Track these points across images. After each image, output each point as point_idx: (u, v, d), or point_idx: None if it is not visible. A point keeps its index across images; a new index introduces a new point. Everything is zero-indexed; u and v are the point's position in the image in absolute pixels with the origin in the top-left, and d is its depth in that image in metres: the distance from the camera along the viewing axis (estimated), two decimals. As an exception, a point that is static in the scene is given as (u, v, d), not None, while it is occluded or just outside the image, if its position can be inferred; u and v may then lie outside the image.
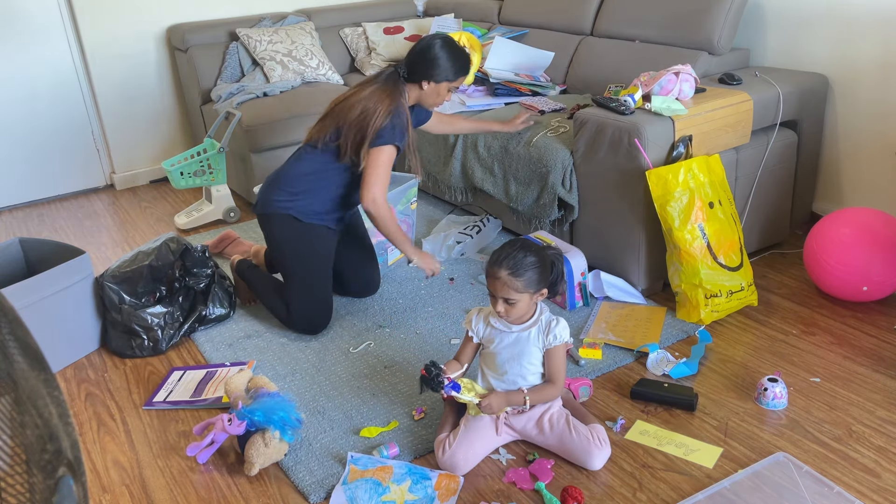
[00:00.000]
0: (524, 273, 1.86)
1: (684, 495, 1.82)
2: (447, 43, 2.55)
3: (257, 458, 1.95)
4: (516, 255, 1.87)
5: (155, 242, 2.72)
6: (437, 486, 1.88)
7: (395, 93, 2.53)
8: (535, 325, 1.95)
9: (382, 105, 2.48)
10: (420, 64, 2.54)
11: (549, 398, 1.98)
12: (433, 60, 2.52)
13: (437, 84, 2.56)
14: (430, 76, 2.54)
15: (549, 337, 1.93)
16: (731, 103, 2.67)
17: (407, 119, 2.54)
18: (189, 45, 4.06)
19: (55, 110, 4.12)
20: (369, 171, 2.48)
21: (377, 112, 2.46)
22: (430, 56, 2.52)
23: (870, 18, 2.82)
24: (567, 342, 1.97)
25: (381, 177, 2.48)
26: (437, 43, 2.53)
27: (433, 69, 2.53)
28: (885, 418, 2.05)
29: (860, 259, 2.48)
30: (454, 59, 2.54)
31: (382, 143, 2.47)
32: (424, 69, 2.54)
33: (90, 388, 2.45)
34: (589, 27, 3.66)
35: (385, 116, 2.46)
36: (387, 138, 2.47)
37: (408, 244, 2.61)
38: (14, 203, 4.18)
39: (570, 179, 2.79)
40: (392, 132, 2.47)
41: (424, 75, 2.54)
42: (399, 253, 3.08)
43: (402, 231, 2.58)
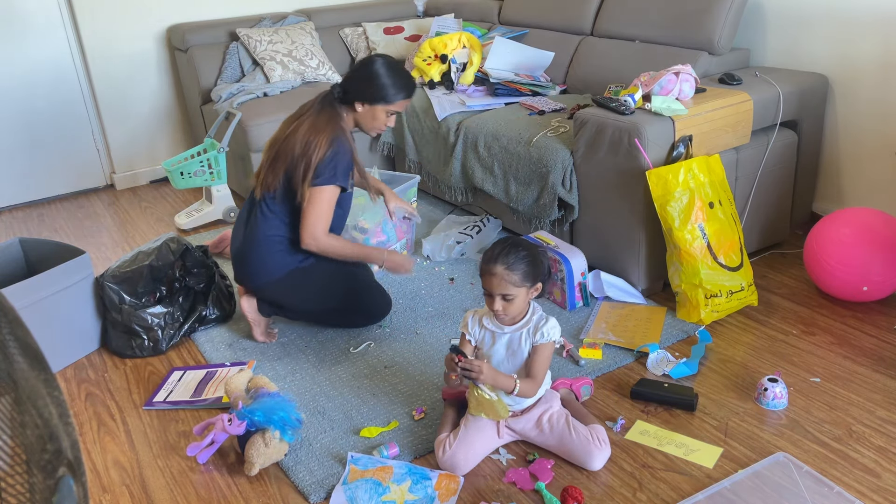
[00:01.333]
0: (520, 267, 1.87)
1: (684, 495, 1.82)
2: (388, 63, 2.39)
3: (257, 458, 1.95)
4: (509, 251, 1.88)
5: (155, 242, 2.72)
6: (437, 486, 1.88)
7: (333, 119, 2.38)
8: (527, 325, 1.95)
9: (322, 136, 2.32)
10: (355, 82, 2.40)
11: (527, 393, 1.94)
12: (368, 79, 2.37)
13: (372, 106, 2.39)
14: (364, 96, 2.38)
15: (536, 335, 1.93)
16: (731, 103, 2.67)
17: (350, 149, 2.39)
18: (189, 45, 4.06)
19: (55, 110, 4.12)
20: (308, 210, 2.34)
21: (318, 144, 2.31)
22: (365, 74, 2.38)
23: (870, 18, 2.82)
24: (555, 341, 1.95)
25: (322, 216, 2.36)
26: (376, 61, 2.38)
27: (367, 88, 2.37)
28: (885, 418, 2.05)
29: (860, 259, 2.48)
30: (392, 80, 2.37)
31: (322, 183, 2.33)
32: (358, 88, 2.38)
33: (90, 388, 2.45)
34: (589, 27, 3.66)
35: (326, 148, 2.31)
36: (327, 177, 2.33)
37: (373, 253, 2.52)
38: (14, 203, 4.18)
39: (570, 179, 2.79)
40: (333, 169, 2.33)
41: (358, 95, 2.38)
42: (400, 252, 3.07)
43: (358, 245, 2.53)
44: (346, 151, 2.37)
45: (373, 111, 2.40)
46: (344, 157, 2.35)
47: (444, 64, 3.75)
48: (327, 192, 2.35)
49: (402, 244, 3.09)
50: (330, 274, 2.50)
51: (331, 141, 2.32)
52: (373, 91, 2.37)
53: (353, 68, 2.44)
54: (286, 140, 2.38)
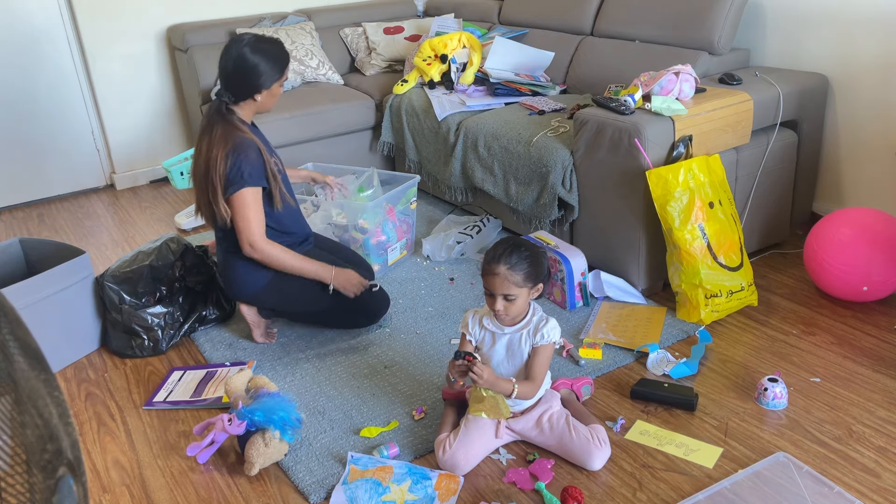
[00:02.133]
0: (522, 267, 1.86)
1: (684, 495, 1.82)
2: (254, 44, 2.32)
3: (257, 458, 1.95)
4: (512, 251, 1.88)
5: (155, 242, 2.72)
6: (437, 486, 1.88)
7: (227, 128, 2.32)
8: (527, 326, 1.95)
9: (219, 150, 2.27)
10: (240, 82, 2.34)
11: (527, 395, 1.95)
12: (252, 71, 2.32)
13: (269, 89, 2.38)
14: (258, 88, 2.35)
15: (536, 336, 1.93)
16: (731, 103, 2.67)
17: (257, 148, 2.33)
18: (189, 45, 4.06)
19: (55, 110, 4.12)
20: (236, 220, 2.32)
21: (217, 159, 2.27)
22: (247, 68, 2.31)
23: (870, 18, 2.82)
24: (555, 342, 1.95)
25: (252, 220, 2.32)
26: (245, 51, 2.31)
27: (258, 79, 2.33)
28: (885, 418, 2.05)
29: (860, 259, 2.48)
30: (272, 57, 2.34)
31: (236, 191, 2.28)
32: (248, 84, 2.34)
33: (90, 388, 2.45)
34: (589, 27, 3.66)
35: (225, 160, 2.26)
36: (238, 184, 2.28)
37: (317, 268, 2.43)
38: (14, 203, 4.18)
39: (570, 179, 2.79)
40: (239, 173, 2.27)
41: (251, 90, 2.35)
42: (400, 252, 3.07)
43: (301, 257, 2.42)
44: (249, 152, 2.30)
45: (270, 92, 2.38)
46: (248, 159, 2.29)
47: (444, 64, 3.75)
48: (246, 196, 2.30)
49: (403, 244, 3.09)
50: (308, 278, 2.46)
51: (227, 152, 2.27)
52: (263, 79, 2.33)
53: (229, 69, 2.32)
54: (195, 169, 2.37)
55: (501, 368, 1.97)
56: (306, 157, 3.74)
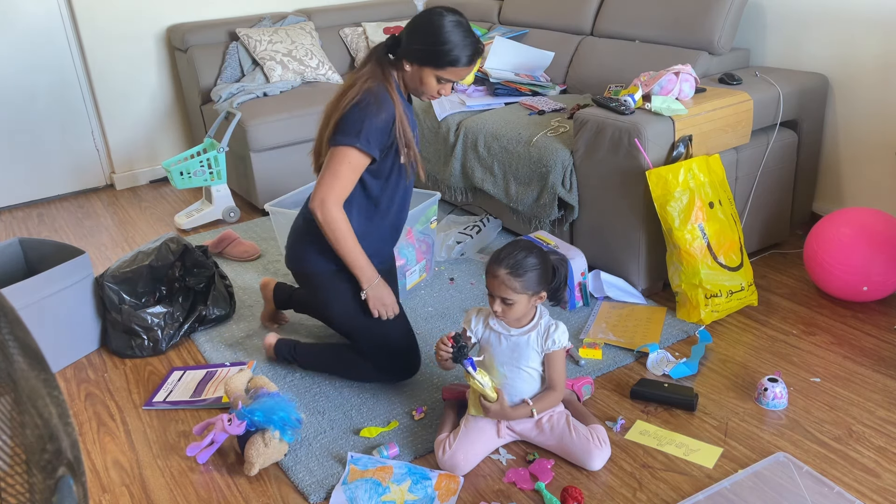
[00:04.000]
0: (524, 274, 1.85)
1: (684, 495, 1.82)
2: (455, 20, 1.97)
3: (257, 458, 1.95)
4: (517, 255, 1.86)
5: (155, 242, 2.72)
6: (437, 486, 1.88)
7: (374, 71, 2.02)
8: (535, 329, 1.94)
9: (357, 85, 2.00)
10: (407, 34, 2.01)
11: (553, 404, 1.98)
12: (422, 33, 1.98)
13: (420, 67, 2.01)
14: (412, 54, 2.00)
15: (547, 342, 1.93)
16: (731, 103, 2.67)
17: (392, 114, 2.01)
18: (189, 45, 4.06)
19: (55, 110, 4.12)
20: (325, 171, 2.03)
21: (349, 95, 1.99)
22: (420, 26, 1.99)
23: (870, 18, 2.82)
24: (566, 346, 1.96)
25: (339, 180, 2.02)
26: (443, 14, 1.97)
27: (418, 45, 1.98)
28: (885, 418, 2.05)
29: (860, 259, 2.48)
30: (451, 41, 1.95)
31: (343, 143, 1.99)
32: (409, 42, 2.00)
33: (90, 388, 2.45)
34: (589, 27, 3.66)
35: (353, 98, 1.98)
36: (350, 136, 1.98)
37: (366, 270, 2.12)
38: (14, 203, 4.18)
39: (570, 179, 2.79)
40: (358, 127, 1.97)
41: (407, 50, 2.01)
42: (419, 275, 2.86)
43: (360, 250, 2.10)
44: (382, 113, 1.98)
45: (420, 73, 2.01)
46: (375, 116, 1.97)
47: (444, 64, 3.74)
48: (350, 155, 1.99)
49: (422, 266, 2.87)
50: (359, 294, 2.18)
51: (364, 92, 1.97)
52: (423, 49, 1.97)
53: (413, 19, 2.01)
54: (329, 102, 2.09)
55: (504, 368, 1.96)
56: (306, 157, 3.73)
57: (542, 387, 1.99)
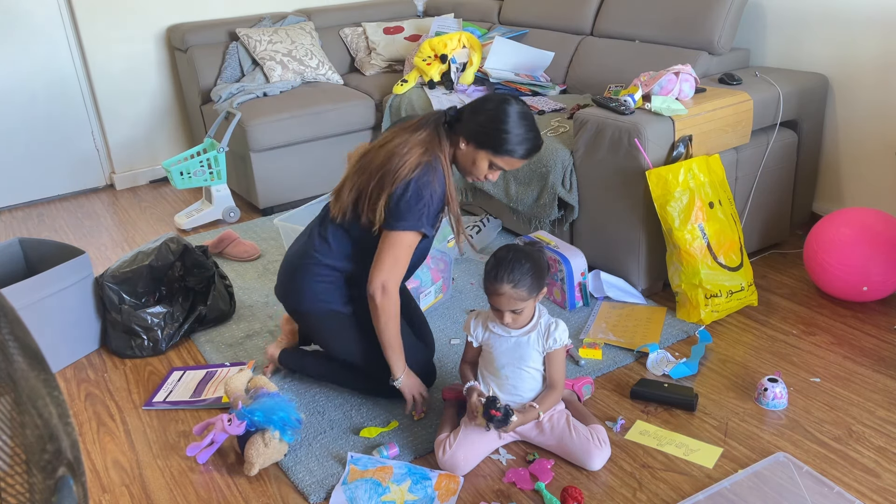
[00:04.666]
0: (525, 281, 1.85)
1: (684, 495, 1.82)
2: (521, 112, 1.97)
3: (257, 458, 1.95)
4: (512, 266, 1.85)
5: (155, 242, 2.72)
6: (437, 486, 1.88)
7: (431, 141, 1.98)
8: (535, 328, 1.95)
9: (412, 156, 1.94)
10: (472, 113, 2.00)
11: (554, 403, 1.98)
12: (488, 117, 1.96)
13: (476, 149, 1.98)
14: (471, 134, 1.98)
15: (549, 341, 1.93)
16: (731, 103, 2.67)
17: (444, 193, 1.99)
18: (189, 45, 4.06)
19: (55, 110, 4.12)
20: (385, 253, 1.97)
21: (403, 164, 1.93)
22: (488, 110, 1.97)
23: (870, 18, 2.82)
24: (566, 345, 1.97)
25: (399, 263, 1.98)
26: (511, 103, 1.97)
27: (480, 127, 1.97)
28: (885, 418, 2.05)
29: (860, 259, 2.48)
30: (514, 130, 1.95)
31: (402, 228, 1.94)
32: (472, 121, 1.98)
33: (90, 388, 2.45)
34: (589, 27, 3.66)
35: (411, 173, 1.92)
36: (411, 221, 1.94)
37: (399, 359, 2.08)
38: (14, 203, 4.18)
39: (570, 179, 2.79)
40: (419, 212, 1.94)
41: (467, 129, 1.98)
42: (435, 296, 2.75)
43: (400, 339, 2.07)
44: (437, 193, 1.97)
45: (475, 154, 1.99)
46: (433, 196, 1.96)
47: (444, 64, 3.75)
48: (409, 239, 1.97)
49: (438, 287, 2.75)
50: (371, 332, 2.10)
51: (421, 168, 1.94)
52: (484, 132, 1.96)
53: (480, 99, 2.02)
54: (372, 151, 2.02)
55: (507, 369, 1.97)
56: (306, 157, 3.74)
57: (543, 385, 1.99)
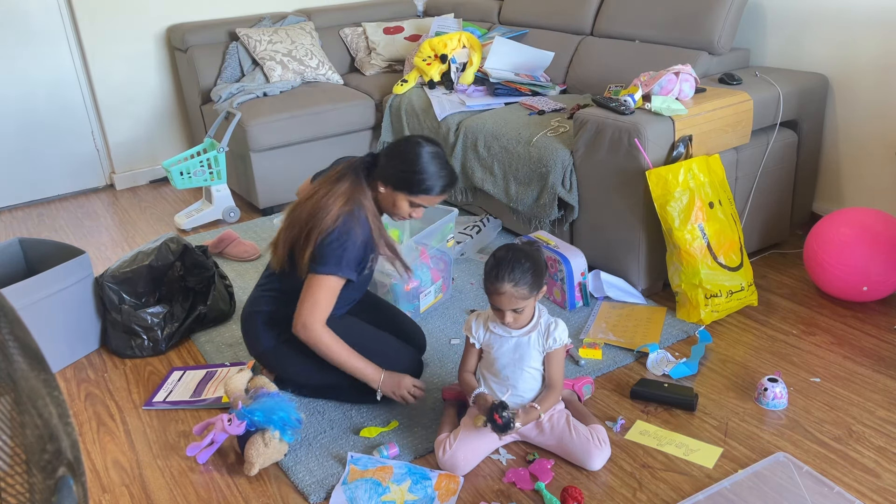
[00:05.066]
0: (526, 280, 1.85)
1: (684, 495, 1.82)
2: (433, 152, 2.03)
3: (257, 458, 1.95)
4: (513, 266, 1.85)
5: (155, 242, 2.72)
6: (437, 486, 1.88)
7: (354, 191, 2.03)
8: (535, 328, 1.95)
9: (334, 206, 2.00)
10: (386, 157, 2.05)
11: (554, 403, 1.98)
12: (401, 159, 2.03)
13: (394, 191, 2.04)
14: (387, 177, 2.04)
15: (548, 340, 1.93)
16: (731, 103, 2.67)
17: (368, 238, 2.04)
18: (189, 45, 4.05)
19: (55, 110, 4.12)
20: (305, 296, 2.02)
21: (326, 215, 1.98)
22: (400, 153, 2.03)
23: (870, 18, 2.82)
24: (566, 344, 1.97)
25: (321, 306, 2.02)
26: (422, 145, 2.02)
27: (394, 170, 2.03)
28: (885, 418, 2.05)
29: (860, 259, 2.48)
30: (427, 171, 2.00)
31: (325, 272, 1.99)
32: (387, 165, 2.04)
33: (90, 388, 2.45)
34: (589, 27, 3.66)
35: (333, 224, 1.98)
36: (331, 266, 1.99)
37: (365, 367, 2.09)
38: (14, 203, 4.18)
39: (570, 179, 2.79)
40: (339, 258, 1.99)
41: (383, 173, 2.05)
42: (434, 296, 2.74)
43: (351, 352, 2.08)
44: (359, 239, 2.02)
45: (393, 196, 2.05)
46: (354, 244, 2.01)
47: (444, 64, 3.75)
48: (330, 283, 2.02)
49: (438, 287, 2.73)
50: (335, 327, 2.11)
51: (340, 223, 1.99)
52: (399, 176, 2.02)
53: (393, 143, 2.08)
54: (300, 206, 2.08)
55: (508, 370, 1.97)
56: (306, 158, 3.74)
57: (542, 385, 1.99)
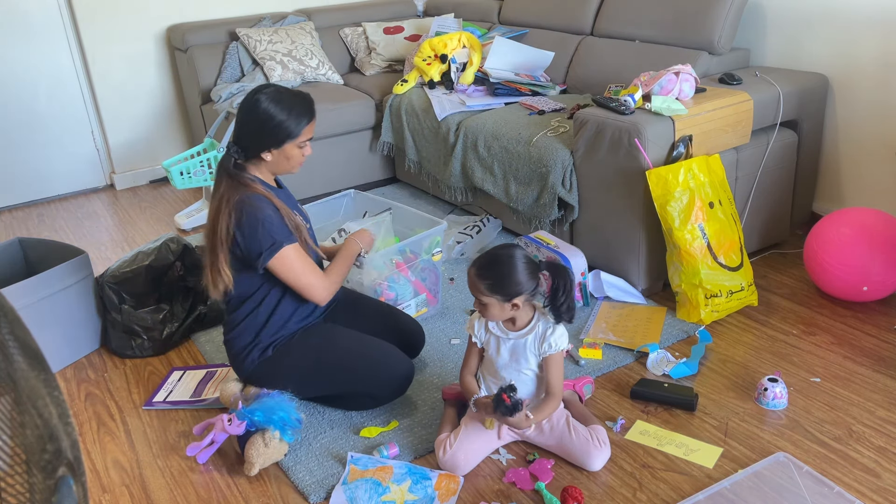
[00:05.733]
0: (487, 279, 1.84)
1: (684, 495, 1.82)
2: (273, 94, 2.01)
3: (257, 458, 1.95)
4: (488, 261, 1.86)
5: (155, 242, 2.72)
6: (437, 486, 1.88)
7: (232, 183, 2.02)
8: (531, 332, 1.94)
9: (222, 212, 1.98)
10: (250, 135, 2.02)
11: (552, 411, 1.95)
12: (263, 123, 1.99)
13: (281, 148, 2.04)
14: (266, 144, 2.02)
15: (544, 345, 1.92)
16: (731, 103, 2.67)
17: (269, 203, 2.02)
18: (189, 45, 4.06)
19: (55, 110, 4.12)
20: (288, 278, 2.04)
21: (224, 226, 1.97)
22: (256, 120, 2.00)
23: (870, 18, 2.82)
24: (564, 350, 1.94)
25: (303, 273, 2.04)
26: (261, 99, 2.00)
27: (267, 134, 2.01)
28: (885, 418, 2.05)
29: (860, 259, 2.48)
30: (288, 111, 2.00)
31: (269, 258, 1.99)
32: (258, 139, 2.02)
33: (90, 388, 2.45)
34: (589, 27, 3.66)
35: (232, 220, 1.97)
36: (267, 245, 1.98)
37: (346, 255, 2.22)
38: (14, 203, 4.18)
39: (570, 179, 2.79)
40: (258, 236, 1.97)
41: (260, 145, 2.02)
42: (417, 309, 2.67)
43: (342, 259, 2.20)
44: (265, 209, 2.00)
45: (283, 153, 2.05)
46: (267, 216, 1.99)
47: (444, 64, 3.75)
48: (286, 254, 2.01)
49: (420, 300, 2.64)
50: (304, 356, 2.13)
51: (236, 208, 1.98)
52: (273, 135, 2.01)
53: (240, 118, 2.04)
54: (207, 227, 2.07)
55: (506, 371, 1.96)
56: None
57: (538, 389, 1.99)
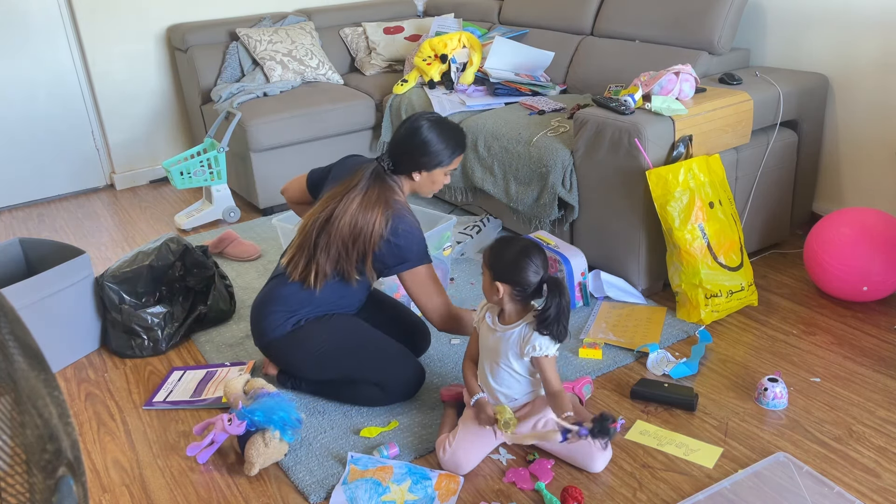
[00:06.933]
0: (492, 250, 1.91)
1: (684, 495, 1.82)
2: (434, 124, 2.18)
3: (257, 458, 1.95)
4: (509, 243, 1.91)
5: (155, 242, 2.72)
6: (437, 486, 1.88)
7: (387, 193, 2.15)
8: (516, 329, 1.92)
9: (375, 215, 2.09)
10: (406, 154, 2.18)
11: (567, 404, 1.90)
12: (420, 148, 2.15)
13: (430, 172, 2.20)
14: (420, 165, 2.18)
15: (526, 347, 1.89)
16: (731, 103, 2.67)
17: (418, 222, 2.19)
18: (189, 45, 4.06)
19: (55, 110, 4.12)
20: (419, 294, 2.17)
21: (373, 227, 2.09)
22: (415, 143, 2.16)
23: (870, 18, 2.82)
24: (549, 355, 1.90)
25: (436, 291, 2.17)
26: (423, 126, 2.16)
27: (421, 157, 2.16)
28: (885, 418, 2.05)
29: (860, 259, 2.48)
30: (446, 141, 2.17)
31: (412, 266, 2.13)
32: (412, 159, 2.17)
33: (90, 388, 2.45)
34: (589, 27, 3.66)
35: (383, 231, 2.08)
36: (413, 259, 2.13)
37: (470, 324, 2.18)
38: (14, 203, 4.18)
39: (570, 179, 2.79)
40: (410, 248, 2.12)
41: (413, 166, 2.18)
42: None
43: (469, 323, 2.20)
44: (417, 230, 2.16)
45: (431, 176, 2.21)
46: (420, 231, 2.16)
47: (444, 64, 3.75)
48: (422, 274, 2.15)
49: None
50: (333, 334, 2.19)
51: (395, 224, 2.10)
52: (428, 159, 2.17)
53: (400, 137, 2.20)
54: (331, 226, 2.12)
55: (487, 363, 1.98)
56: (306, 157, 3.74)
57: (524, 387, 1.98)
